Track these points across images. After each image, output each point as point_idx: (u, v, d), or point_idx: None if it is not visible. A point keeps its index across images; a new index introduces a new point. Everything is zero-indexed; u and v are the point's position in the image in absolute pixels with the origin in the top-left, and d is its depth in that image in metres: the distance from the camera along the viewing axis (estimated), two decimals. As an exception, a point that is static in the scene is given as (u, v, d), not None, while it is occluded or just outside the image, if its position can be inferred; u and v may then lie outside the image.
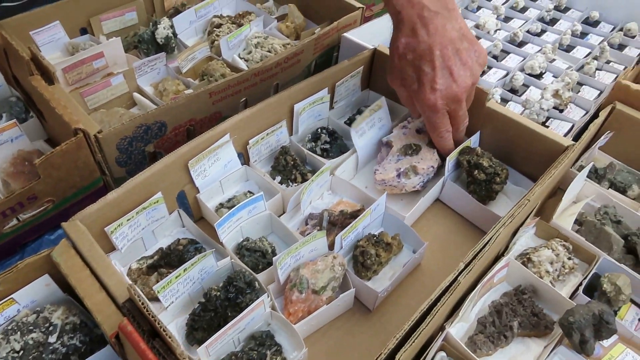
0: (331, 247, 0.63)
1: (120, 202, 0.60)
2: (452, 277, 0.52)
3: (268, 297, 0.56)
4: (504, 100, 0.94)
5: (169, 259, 0.63)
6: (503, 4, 1.22)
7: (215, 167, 0.70)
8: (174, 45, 0.96)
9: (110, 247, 0.62)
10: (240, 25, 1.00)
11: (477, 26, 1.13)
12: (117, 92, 0.86)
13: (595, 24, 1.18)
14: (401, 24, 0.60)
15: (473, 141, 0.77)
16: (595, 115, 0.79)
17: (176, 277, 0.55)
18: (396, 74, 0.65)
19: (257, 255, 0.62)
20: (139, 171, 0.62)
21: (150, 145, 0.75)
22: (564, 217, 0.72)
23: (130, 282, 0.59)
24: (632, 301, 0.65)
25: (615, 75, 1.02)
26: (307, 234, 0.66)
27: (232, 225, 0.64)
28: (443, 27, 0.59)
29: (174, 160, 0.64)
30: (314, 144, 0.79)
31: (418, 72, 0.61)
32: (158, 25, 0.92)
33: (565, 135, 0.86)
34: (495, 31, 1.13)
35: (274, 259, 0.56)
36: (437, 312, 0.49)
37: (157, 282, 0.60)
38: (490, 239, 0.56)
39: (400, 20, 0.60)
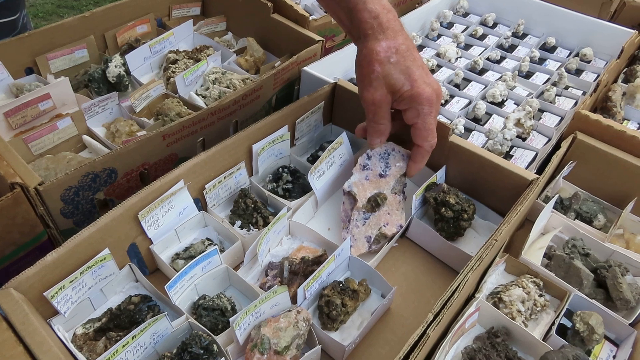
0: (294, 298, 0.59)
1: (61, 262, 0.55)
2: (421, 330, 0.50)
3: (227, 360, 0.52)
4: (468, 130, 0.93)
5: (119, 321, 0.58)
6: (462, 32, 1.23)
7: (170, 216, 0.66)
8: (127, 83, 0.92)
9: (53, 311, 0.56)
10: (197, 60, 0.97)
11: (438, 55, 1.13)
12: (65, 136, 0.81)
13: (552, 49, 1.20)
14: (378, 29, 0.60)
15: (439, 176, 0.75)
16: (558, 144, 0.78)
17: (123, 346, 0.50)
18: (379, 85, 0.62)
19: (215, 314, 0.58)
20: (88, 221, 0.58)
21: (100, 193, 0.71)
22: (533, 251, 0.71)
23: (74, 350, 0.53)
24: (606, 337, 0.63)
25: (575, 101, 1.03)
26: (268, 286, 0.63)
27: (186, 284, 0.59)
28: (408, 36, 0.62)
29: (122, 213, 0.59)
30: (275, 184, 0.76)
31: (407, 73, 0.61)
32: (109, 64, 0.88)
33: (530, 163, 0.86)
34: (456, 59, 1.13)
35: (230, 319, 0.52)
36: (406, 371, 0.46)
37: (106, 348, 0.55)
38: (459, 285, 0.54)
39: (377, 25, 0.60)
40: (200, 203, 0.71)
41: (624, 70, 1.09)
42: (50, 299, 0.53)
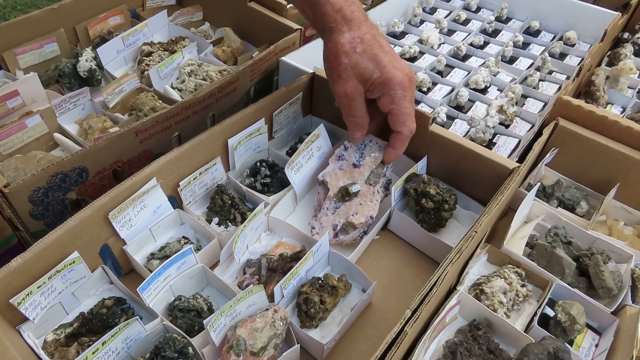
0: (273, 296, 0.58)
1: (27, 267, 0.53)
2: (399, 327, 0.48)
3: (202, 363, 0.50)
4: (450, 118, 0.92)
5: (91, 325, 0.56)
6: (445, 17, 1.21)
7: (143, 215, 0.64)
8: (100, 77, 0.89)
9: (22, 318, 0.55)
10: (173, 52, 0.94)
11: (420, 41, 1.11)
12: (35, 134, 0.78)
13: (536, 33, 1.19)
14: (342, 21, 0.59)
15: (420, 167, 0.73)
16: (540, 131, 0.77)
17: (93, 353, 0.48)
18: (348, 76, 0.61)
19: (191, 315, 0.57)
20: (59, 222, 0.56)
21: (71, 193, 0.69)
22: (516, 240, 0.70)
23: (44, 357, 0.52)
24: (589, 326, 0.63)
25: (559, 86, 1.02)
26: (246, 284, 0.61)
27: (160, 286, 0.58)
28: (373, 25, 0.62)
29: (91, 214, 0.57)
30: (253, 179, 0.74)
31: (375, 60, 0.60)
32: (79, 58, 0.85)
33: (513, 151, 0.85)
34: (439, 45, 1.11)
35: (204, 322, 0.50)
36: (384, 369, 0.45)
37: (78, 353, 0.53)
38: (437, 279, 0.53)
39: (341, 17, 0.59)
40: (176, 200, 0.69)
41: (608, 53, 1.08)
42: (17, 306, 0.52)
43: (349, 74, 0.60)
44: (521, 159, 0.71)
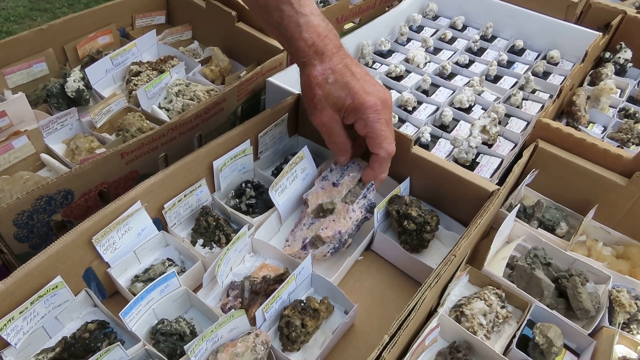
0: (255, 319, 0.58)
1: (10, 293, 0.53)
2: (376, 353, 0.49)
3: (183, 388, 0.51)
4: (435, 137, 0.93)
5: (74, 350, 0.57)
6: (432, 35, 1.23)
7: (127, 238, 0.64)
8: (88, 97, 0.90)
9: (3, 343, 0.55)
10: (161, 71, 0.95)
11: (406, 60, 1.13)
12: (22, 155, 0.79)
13: (520, 52, 1.21)
14: (314, 56, 0.62)
15: (402, 188, 0.75)
16: (520, 152, 0.79)
17: (73, 380, 0.49)
18: (323, 106, 0.64)
19: (174, 339, 0.57)
20: (45, 244, 0.56)
21: (57, 215, 0.69)
22: (497, 261, 0.71)
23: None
24: (568, 347, 0.64)
25: (541, 105, 1.04)
26: (229, 307, 0.62)
27: (143, 309, 0.58)
28: (346, 55, 0.64)
29: (74, 239, 0.58)
30: (238, 200, 0.75)
31: (346, 88, 0.62)
32: (67, 78, 0.86)
33: (496, 170, 0.86)
34: (425, 64, 1.13)
35: (185, 347, 0.51)
36: (360, 397, 0.46)
37: (59, 379, 0.54)
38: (416, 304, 0.54)
39: (313, 52, 0.62)
40: (161, 222, 0.70)
41: (590, 73, 1.10)
42: (-2, 332, 0.52)
43: (323, 104, 0.63)
44: (503, 179, 0.73)
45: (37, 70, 0.93)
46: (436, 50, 1.19)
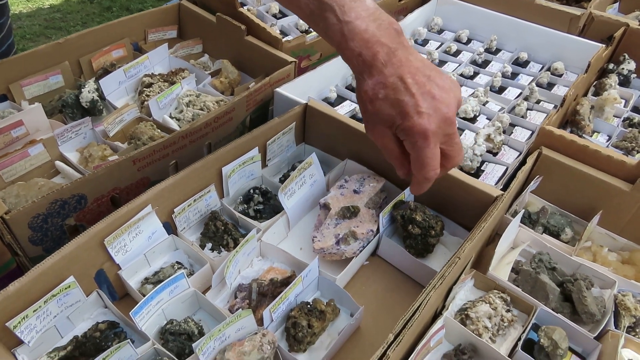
0: (262, 320, 0.59)
1: (24, 292, 0.55)
2: (381, 351, 0.50)
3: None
4: (440, 146, 0.95)
5: (85, 349, 0.58)
6: (437, 48, 1.25)
7: (138, 241, 0.66)
8: (101, 107, 0.92)
9: (17, 341, 0.56)
10: (172, 83, 0.98)
11: (412, 72, 1.15)
12: (37, 162, 0.81)
13: (524, 64, 1.23)
14: (364, 67, 0.56)
15: (407, 194, 0.76)
16: (524, 160, 0.80)
17: (85, 375, 0.50)
18: (374, 121, 0.58)
19: (182, 339, 0.58)
20: (58, 248, 0.58)
21: (70, 219, 0.71)
22: (502, 266, 0.71)
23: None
24: (573, 351, 0.64)
25: (546, 115, 1.05)
26: (236, 308, 0.63)
27: (152, 310, 0.60)
28: (407, 59, 0.55)
29: (87, 240, 0.60)
30: (246, 205, 0.77)
31: (398, 106, 0.55)
32: (82, 89, 0.89)
33: (500, 178, 0.87)
34: (430, 76, 1.15)
35: (193, 345, 0.52)
36: (365, 393, 0.46)
37: (70, 377, 0.55)
38: (421, 304, 0.54)
39: (361, 63, 0.56)
40: (171, 227, 0.71)
41: (594, 84, 1.12)
42: (12, 329, 0.53)
43: (374, 120, 0.58)
44: (507, 186, 0.73)
45: (53, 82, 0.96)
46: (441, 63, 1.21)
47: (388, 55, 0.55)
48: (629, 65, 1.13)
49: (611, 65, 1.15)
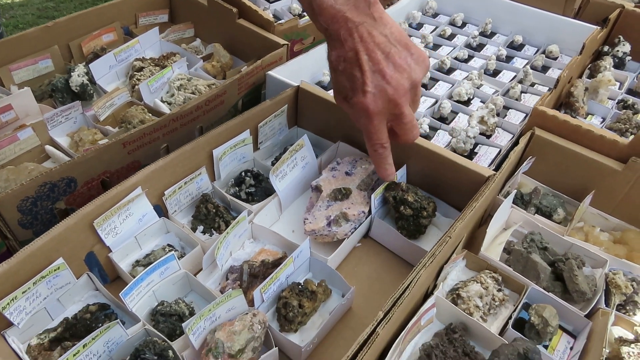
0: (253, 301, 0.59)
1: (13, 273, 0.54)
2: (371, 328, 0.50)
3: (182, 365, 0.52)
4: (433, 129, 0.94)
5: (75, 330, 0.58)
6: (431, 32, 1.24)
7: (128, 223, 0.66)
8: (92, 92, 0.91)
9: (7, 323, 0.56)
10: (164, 67, 0.97)
11: (406, 55, 1.14)
12: (27, 146, 0.80)
13: (519, 47, 1.22)
14: (330, 39, 0.59)
15: (399, 175, 0.75)
16: (517, 140, 0.79)
17: (74, 355, 0.50)
18: (335, 90, 0.62)
19: (173, 320, 0.58)
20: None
21: (60, 203, 0.70)
22: (494, 246, 0.71)
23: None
24: (564, 329, 0.64)
25: (540, 97, 1.04)
26: (228, 290, 0.63)
27: (143, 291, 0.59)
28: (369, 34, 0.57)
29: (76, 222, 0.59)
30: (237, 188, 0.76)
31: (350, 80, 0.58)
32: (72, 73, 0.88)
33: (493, 160, 0.86)
34: (424, 59, 1.14)
35: (183, 325, 0.52)
36: (354, 370, 0.46)
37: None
38: (411, 282, 0.54)
39: (328, 36, 0.59)
40: (162, 209, 0.71)
41: (589, 66, 1.11)
42: (1, 311, 0.53)
43: (335, 89, 0.62)
44: (500, 168, 0.73)
45: (42, 67, 0.95)
46: (435, 47, 1.20)
47: (350, 30, 0.56)
48: (624, 47, 1.12)
49: (606, 48, 1.14)
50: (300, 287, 0.62)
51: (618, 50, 1.12)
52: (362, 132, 0.63)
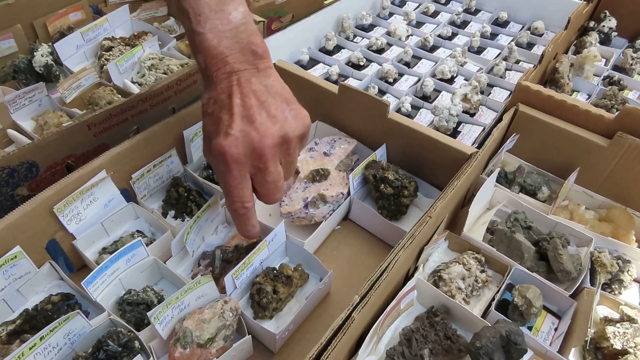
0: (225, 289, 0.56)
1: (-35, 263, 0.51)
2: (346, 313, 0.47)
3: (150, 357, 0.49)
4: (415, 108, 0.91)
5: (35, 322, 0.54)
6: (414, 9, 1.21)
7: (93, 209, 0.62)
8: (57, 73, 0.87)
9: (-38, 316, 0.53)
10: (134, 46, 0.92)
11: (388, 33, 1.11)
12: (-12, 131, 0.76)
13: (504, 24, 1.19)
14: (206, 80, 0.52)
15: (379, 155, 0.73)
16: (501, 117, 0.77)
17: (30, 349, 0.47)
18: (204, 137, 0.52)
19: (140, 309, 0.55)
20: (9, 219, 0.54)
21: (22, 189, 0.67)
22: (477, 227, 0.69)
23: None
24: (549, 310, 0.62)
25: (525, 75, 1.02)
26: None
27: (108, 279, 0.56)
28: (247, 80, 0.51)
29: (34, 208, 0.56)
30: (210, 171, 0.73)
31: (216, 123, 0.50)
32: (35, 53, 0.83)
33: (476, 139, 0.84)
34: (407, 37, 1.11)
35: (148, 314, 0.49)
36: (327, 356, 0.44)
37: (20, 351, 0.52)
38: (389, 265, 0.52)
39: (206, 76, 0.52)
40: (130, 194, 0.68)
41: (575, 42, 1.08)
42: (-47, 303, 0.50)
43: (203, 136, 0.53)
44: (482, 146, 0.71)
45: (4, 47, 0.90)
46: (419, 24, 1.17)
47: (229, 73, 0.50)
48: (610, 22, 1.10)
49: (592, 23, 1.12)
50: (275, 272, 0.59)
51: (604, 26, 1.09)
52: (220, 186, 0.53)
